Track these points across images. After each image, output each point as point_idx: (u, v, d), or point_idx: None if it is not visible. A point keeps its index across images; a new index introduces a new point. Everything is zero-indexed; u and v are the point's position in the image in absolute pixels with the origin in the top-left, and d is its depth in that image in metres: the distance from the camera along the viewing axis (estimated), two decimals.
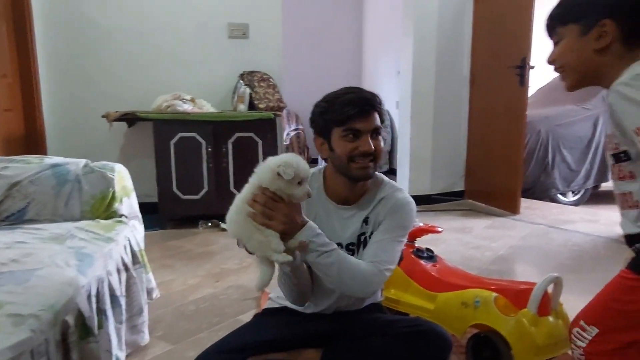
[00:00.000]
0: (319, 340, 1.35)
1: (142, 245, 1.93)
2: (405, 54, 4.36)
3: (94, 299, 1.36)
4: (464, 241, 3.22)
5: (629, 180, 0.97)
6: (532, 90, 5.13)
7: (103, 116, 3.31)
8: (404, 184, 4.43)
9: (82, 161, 1.91)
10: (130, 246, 1.75)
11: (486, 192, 4.34)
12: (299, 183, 1.13)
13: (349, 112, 1.26)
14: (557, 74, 1.07)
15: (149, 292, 1.92)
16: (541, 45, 4.26)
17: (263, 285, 1.20)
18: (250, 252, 1.18)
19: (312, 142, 1.38)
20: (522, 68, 3.71)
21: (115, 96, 3.62)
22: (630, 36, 0.94)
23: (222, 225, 3.44)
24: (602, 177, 4.74)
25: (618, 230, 3.39)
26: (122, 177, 1.94)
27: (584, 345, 1.02)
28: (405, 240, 1.38)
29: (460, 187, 4.58)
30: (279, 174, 1.10)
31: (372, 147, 1.27)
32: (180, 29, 3.73)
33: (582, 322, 1.04)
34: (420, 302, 1.78)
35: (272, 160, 1.15)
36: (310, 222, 1.21)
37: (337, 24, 6.96)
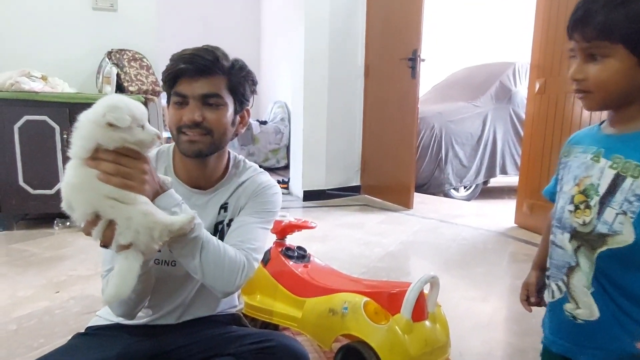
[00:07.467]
0: None
1: None
2: (296, 42, 4.12)
3: None
4: (355, 237, 3.05)
5: None
6: (426, 86, 5.18)
7: None
8: (297, 178, 4.19)
9: None
10: None
11: (381, 186, 4.24)
12: (141, 126, 0.88)
13: (176, 72, 1.06)
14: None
15: None
16: (431, 38, 4.29)
17: (121, 295, 0.88)
18: (102, 244, 0.88)
19: None
20: (413, 60, 3.64)
21: None
22: None
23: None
24: (491, 172, 4.88)
25: (504, 224, 3.45)
26: None
27: None
28: (269, 228, 1.18)
29: (356, 182, 4.45)
30: (110, 124, 0.84)
31: (198, 116, 1.05)
32: None
33: None
34: (288, 310, 1.52)
35: (90, 114, 0.85)
36: (171, 189, 0.97)
37: (231, 2, 6.34)
